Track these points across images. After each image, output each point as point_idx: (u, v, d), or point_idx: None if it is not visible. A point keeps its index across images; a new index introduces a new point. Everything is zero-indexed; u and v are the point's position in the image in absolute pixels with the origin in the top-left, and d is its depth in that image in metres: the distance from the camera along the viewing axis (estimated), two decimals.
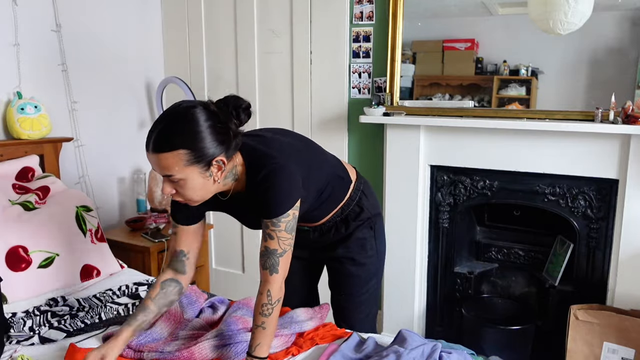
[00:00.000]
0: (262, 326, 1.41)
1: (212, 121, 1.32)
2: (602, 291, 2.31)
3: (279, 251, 1.42)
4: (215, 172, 1.36)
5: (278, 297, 1.44)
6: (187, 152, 1.30)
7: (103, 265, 2.20)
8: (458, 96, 2.59)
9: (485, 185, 2.49)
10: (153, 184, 2.90)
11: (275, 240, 1.42)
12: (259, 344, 1.41)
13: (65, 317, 1.75)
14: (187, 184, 1.34)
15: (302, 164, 1.49)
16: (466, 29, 2.53)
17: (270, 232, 1.42)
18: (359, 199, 1.72)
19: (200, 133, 1.30)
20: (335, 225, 1.71)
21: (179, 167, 1.31)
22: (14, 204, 2.06)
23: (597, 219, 2.29)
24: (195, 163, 1.31)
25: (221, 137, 1.34)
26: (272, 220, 1.41)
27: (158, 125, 1.32)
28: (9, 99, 2.40)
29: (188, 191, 1.36)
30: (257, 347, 1.41)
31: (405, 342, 1.47)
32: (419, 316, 2.72)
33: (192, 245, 1.60)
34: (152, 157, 1.32)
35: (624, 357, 2.16)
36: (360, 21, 2.71)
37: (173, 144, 1.29)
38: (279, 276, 1.44)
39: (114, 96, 2.94)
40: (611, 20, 2.24)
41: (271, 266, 1.42)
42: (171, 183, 1.35)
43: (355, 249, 1.73)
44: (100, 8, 2.81)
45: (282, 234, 1.42)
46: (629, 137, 2.13)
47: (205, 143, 1.31)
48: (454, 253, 2.66)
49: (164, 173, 1.33)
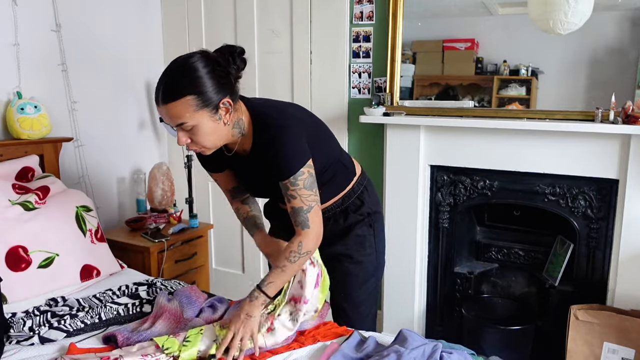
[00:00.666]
0: (282, 269, 1.51)
1: (212, 66, 1.40)
2: (602, 291, 2.31)
3: (305, 208, 1.49)
4: (223, 115, 1.43)
5: (308, 249, 1.52)
6: (194, 97, 1.37)
7: (103, 265, 2.19)
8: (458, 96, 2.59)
9: (485, 185, 2.49)
10: (153, 184, 2.90)
11: (298, 199, 1.48)
12: (272, 282, 1.51)
13: (65, 317, 1.75)
14: (200, 129, 1.41)
15: (305, 132, 1.53)
16: (466, 29, 2.53)
17: (291, 192, 1.49)
18: (361, 192, 1.74)
19: (202, 78, 1.37)
20: (334, 216, 1.72)
21: (189, 113, 1.37)
22: (14, 204, 2.06)
23: (597, 219, 2.29)
24: (204, 107, 1.39)
25: (223, 80, 1.41)
26: (289, 180, 1.47)
27: (163, 80, 1.39)
28: (9, 99, 2.40)
29: (201, 137, 1.43)
30: (268, 284, 1.51)
31: (406, 341, 1.47)
32: (419, 316, 2.72)
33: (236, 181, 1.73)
34: (163, 109, 1.39)
35: (624, 357, 2.16)
36: (360, 21, 2.71)
37: (179, 92, 1.36)
38: (311, 230, 1.51)
39: (114, 96, 2.94)
40: (611, 20, 2.24)
41: (302, 222, 1.51)
42: (185, 132, 1.42)
43: (353, 246, 1.73)
44: (100, 8, 2.81)
45: (302, 192, 1.48)
46: (629, 137, 2.13)
47: (209, 87, 1.38)
48: (454, 253, 2.66)
49: (177, 122, 1.40)
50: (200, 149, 1.48)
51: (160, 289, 1.96)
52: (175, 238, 2.70)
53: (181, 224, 2.85)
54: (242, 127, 1.52)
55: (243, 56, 1.45)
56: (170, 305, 1.73)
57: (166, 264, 2.62)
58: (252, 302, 1.51)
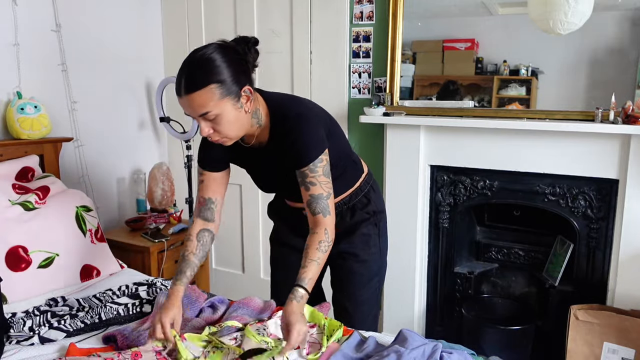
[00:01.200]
0: (317, 261, 1.48)
1: (231, 55, 1.42)
2: (602, 291, 2.31)
3: (324, 194, 1.50)
4: (245, 103, 1.44)
5: (332, 238, 1.51)
6: (217, 85, 1.38)
7: (103, 265, 2.20)
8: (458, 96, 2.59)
9: (485, 185, 2.49)
10: (153, 184, 2.90)
11: (318, 186, 1.49)
12: (311, 278, 1.47)
13: (65, 317, 1.75)
14: (223, 118, 1.41)
15: (321, 123, 1.55)
16: (466, 29, 2.53)
17: (310, 179, 1.49)
18: (368, 191, 1.75)
19: (223, 66, 1.39)
20: (341, 213, 1.72)
21: (213, 102, 1.38)
22: (14, 204, 2.06)
23: (597, 219, 2.29)
24: (227, 95, 1.39)
25: (242, 68, 1.43)
26: (309, 167, 1.48)
27: (184, 70, 1.39)
28: (9, 99, 2.40)
29: (224, 126, 1.43)
30: (309, 280, 1.47)
31: (406, 341, 1.47)
32: (419, 316, 2.72)
33: (218, 193, 1.67)
34: (186, 99, 1.39)
35: (624, 357, 2.16)
36: (360, 21, 2.71)
37: (203, 81, 1.37)
38: (332, 217, 1.52)
39: (114, 96, 2.94)
40: (611, 20, 2.24)
41: (323, 209, 1.50)
42: (208, 122, 1.42)
43: (359, 244, 1.73)
44: (100, 8, 2.81)
45: (322, 179, 1.49)
46: (629, 137, 2.13)
47: (231, 75, 1.40)
48: (454, 253, 2.66)
49: (200, 112, 1.39)
50: (222, 139, 1.47)
51: (160, 289, 1.96)
52: (175, 238, 2.71)
53: (181, 224, 2.85)
54: (260, 118, 1.53)
55: (257, 47, 1.48)
56: None
57: (166, 264, 2.62)
58: (300, 302, 1.45)
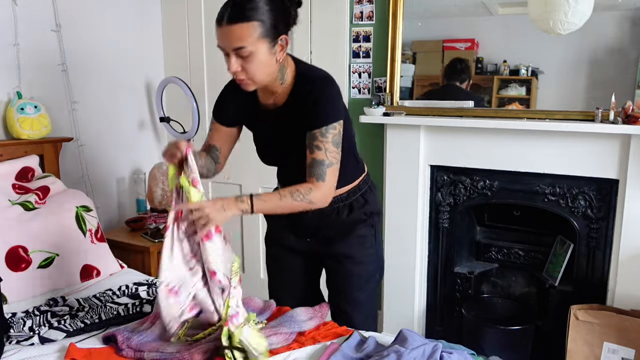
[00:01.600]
0: (281, 197, 1.47)
1: (277, 2, 1.45)
2: (602, 291, 2.31)
3: (326, 162, 1.49)
4: (278, 52, 1.48)
5: (313, 200, 1.49)
6: (260, 24, 1.40)
7: (103, 265, 2.19)
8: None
9: (485, 185, 2.49)
10: (153, 184, 2.90)
11: (323, 151, 1.48)
12: (264, 200, 1.47)
13: (65, 317, 1.75)
14: (255, 58, 1.43)
15: (341, 97, 1.58)
16: (466, 29, 2.53)
17: (317, 143, 1.49)
18: (365, 191, 1.75)
19: (269, 9, 1.42)
20: (338, 209, 1.71)
21: (251, 38, 1.40)
22: (14, 204, 2.06)
23: (597, 219, 2.29)
24: (265, 36, 1.42)
25: (284, 17, 1.47)
26: (320, 130, 1.48)
27: (229, 3, 1.42)
28: (9, 99, 2.40)
29: (254, 67, 1.45)
30: (260, 198, 1.46)
31: (406, 341, 1.47)
32: (419, 316, 2.72)
33: (225, 145, 1.70)
34: (226, 29, 1.40)
35: (624, 357, 2.16)
36: (360, 21, 2.71)
37: (248, 16, 1.39)
38: (324, 185, 1.49)
39: (114, 96, 2.94)
40: (611, 20, 2.24)
41: (318, 175, 1.49)
42: (239, 59, 1.44)
43: (355, 246, 1.73)
44: (100, 8, 2.81)
45: (328, 146, 1.49)
46: (629, 137, 2.13)
47: (274, 19, 1.43)
48: (454, 253, 2.66)
49: (236, 45, 1.41)
50: (247, 80, 1.48)
51: None
52: None
53: None
54: (285, 76, 1.55)
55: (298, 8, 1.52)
56: None
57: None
58: (236, 202, 1.44)
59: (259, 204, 1.47)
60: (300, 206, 1.49)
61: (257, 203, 1.46)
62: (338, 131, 1.51)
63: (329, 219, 1.71)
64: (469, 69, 2.54)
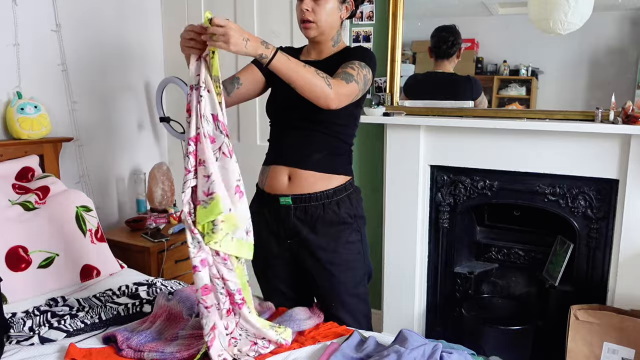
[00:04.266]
0: (305, 65, 1.48)
1: None
2: (602, 291, 2.31)
3: (355, 77, 1.58)
4: (343, 12, 1.69)
5: (332, 85, 1.49)
6: None
7: (103, 265, 2.20)
8: None
9: (485, 185, 2.49)
10: (153, 184, 2.90)
11: (356, 70, 1.59)
12: (288, 58, 1.45)
13: (65, 317, 1.75)
14: (327, 5, 1.63)
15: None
16: (466, 29, 2.53)
17: (352, 65, 1.60)
18: (351, 193, 1.76)
19: None
20: (323, 205, 1.70)
21: None
22: (14, 204, 2.06)
23: (597, 219, 2.29)
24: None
25: None
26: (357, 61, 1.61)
27: None
28: (9, 99, 2.40)
29: (322, 12, 1.63)
30: (284, 55, 1.44)
31: (406, 341, 1.47)
32: (419, 316, 2.72)
33: (246, 81, 1.75)
34: None
35: (624, 357, 2.16)
36: (360, 21, 2.71)
37: None
38: (347, 85, 1.55)
39: (114, 96, 2.94)
40: (611, 20, 2.24)
41: (345, 78, 1.56)
42: (312, 2, 1.63)
43: (344, 254, 1.73)
44: (100, 8, 2.81)
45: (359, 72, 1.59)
46: (629, 137, 2.13)
47: None
48: (454, 253, 2.66)
49: None
50: (311, 24, 1.64)
51: (160, 289, 1.96)
52: (175, 238, 2.70)
53: (181, 224, 2.85)
54: (338, 40, 1.74)
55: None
56: (170, 305, 1.73)
57: (166, 264, 2.62)
58: (261, 44, 1.40)
59: (281, 58, 1.43)
60: (318, 85, 1.46)
61: (280, 57, 1.43)
62: (369, 77, 1.64)
63: (311, 218, 1.70)
64: (455, 35, 2.51)
